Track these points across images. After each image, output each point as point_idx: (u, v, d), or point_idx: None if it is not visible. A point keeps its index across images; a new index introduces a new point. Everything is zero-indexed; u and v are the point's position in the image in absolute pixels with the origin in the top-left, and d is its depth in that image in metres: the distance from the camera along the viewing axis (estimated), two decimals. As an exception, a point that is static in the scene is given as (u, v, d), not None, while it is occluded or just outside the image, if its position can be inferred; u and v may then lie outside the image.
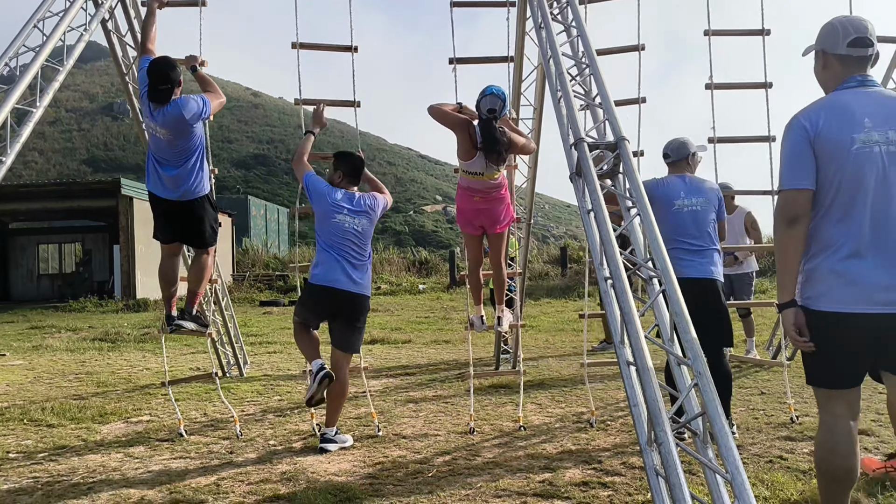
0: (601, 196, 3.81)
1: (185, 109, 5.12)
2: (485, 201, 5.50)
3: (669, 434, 2.73)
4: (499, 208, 5.59)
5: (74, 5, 5.55)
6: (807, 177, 2.94)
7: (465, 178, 5.52)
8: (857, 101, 2.96)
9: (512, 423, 5.91)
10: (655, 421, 2.79)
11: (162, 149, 5.25)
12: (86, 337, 13.29)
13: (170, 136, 5.14)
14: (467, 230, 5.75)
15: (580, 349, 10.54)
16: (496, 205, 5.59)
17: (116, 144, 66.91)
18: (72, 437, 5.87)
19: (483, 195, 5.52)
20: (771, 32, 5.98)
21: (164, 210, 5.47)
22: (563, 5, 5.34)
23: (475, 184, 5.49)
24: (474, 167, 5.35)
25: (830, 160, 2.92)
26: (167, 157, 5.26)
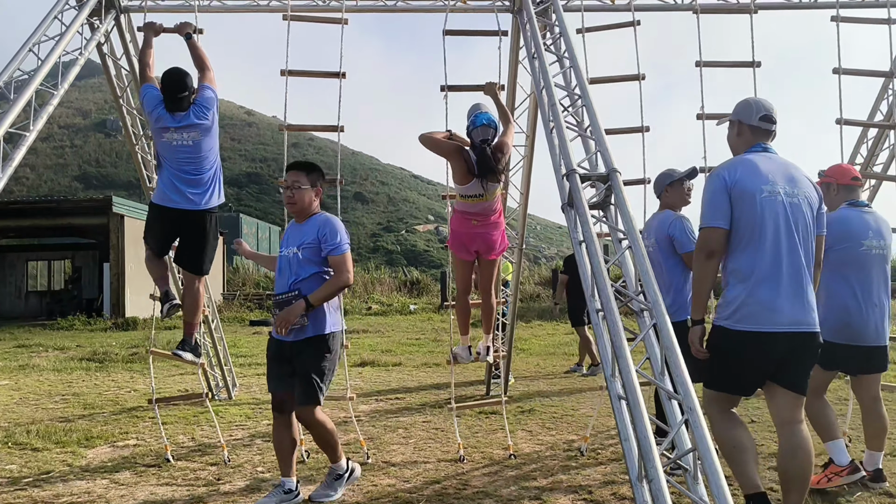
0: (592, 227, 3.83)
1: (209, 103, 5.22)
2: (482, 225, 5.48)
3: (660, 470, 2.72)
4: (494, 234, 5.58)
5: (70, 29, 5.57)
6: (723, 218, 3.62)
7: (462, 203, 5.50)
8: (763, 162, 3.74)
9: (502, 451, 5.88)
10: (646, 457, 2.78)
11: (183, 157, 5.20)
12: (73, 356, 13.17)
13: (198, 138, 5.15)
14: (461, 255, 5.69)
15: (571, 373, 10.52)
16: (492, 229, 5.56)
17: (108, 161, 66.82)
18: (57, 461, 5.80)
19: (481, 219, 5.50)
20: (761, 65, 6.07)
21: (167, 222, 5.37)
22: (557, 36, 5.39)
23: (472, 207, 5.46)
24: (472, 190, 5.33)
25: (743, 205, 3.60)
26: (189, 164, 5.21)
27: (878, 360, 4.70)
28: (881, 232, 4.66)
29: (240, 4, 6.34)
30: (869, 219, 4.68)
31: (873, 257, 4.60)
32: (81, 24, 5.71)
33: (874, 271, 4.61)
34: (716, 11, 6.36)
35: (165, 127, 5.15)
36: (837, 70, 6.16)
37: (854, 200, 4.77)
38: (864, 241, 4.57)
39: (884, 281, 4.66)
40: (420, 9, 6.38)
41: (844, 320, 4.56)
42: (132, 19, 6.38)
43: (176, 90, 5.12)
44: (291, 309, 4.40)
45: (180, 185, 5.22)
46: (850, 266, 4.57)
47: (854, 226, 4.61)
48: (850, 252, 4.56)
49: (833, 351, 4.53)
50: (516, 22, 6.25)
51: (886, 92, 6.69)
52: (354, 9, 6.23)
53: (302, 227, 4.61)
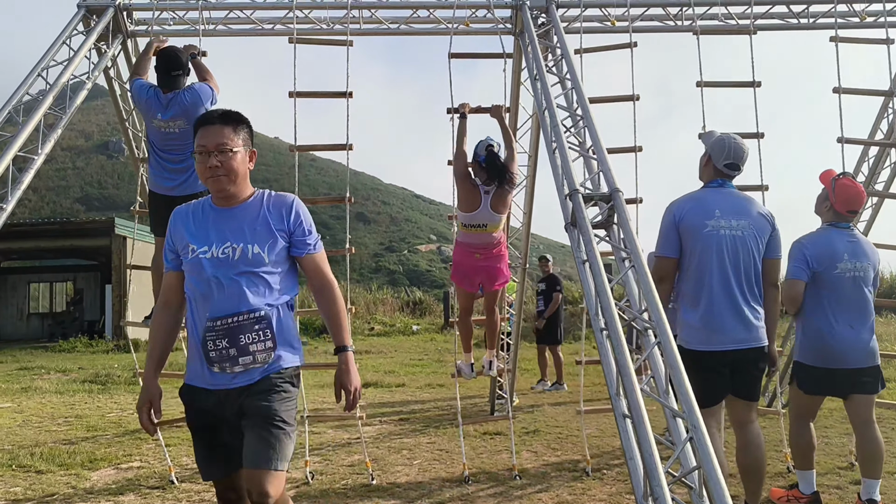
0: (596, 247, 3.85)
1: (202, 93, 5.21)
2: (485, 258, 5.49)
3: (665, 489, 2.72)
4: (497, 266, 5.60)
5: (79, 54, 5.65)
6: (671, 249, 4.12)
7: (466, 234, 5.51)
8: (714, 198, 4.17)
9: (507, 472, 5.86)
10: (651, 475, 2.78)
11: (172, 145, 5.22)
12: (76, 378, 13.15)
13: (185, 126, 5.13)
14: (463, 286, 5.70)
15: (576, 392, 10.49)
16: (495, 262, 5.58)
17: (110, 183, 67.07)
18: (61, 483, 5.79)
19: (484, 252, 5.51)
20: (762, 84, 6.13)
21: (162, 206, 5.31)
22: (558, 57, 5.45)
23: (476, 239, 5.48)
24: (476, 220, 5.36)
25: (689, 239, 4.08)
26: (177, 152, 5.22)
27: (863, 383, 4.59)
28: (858, 254, 4.59)
29: (245, 28, 6.43)
30: (847, 242, 4.62)
31: (847, 280, 4.55)
32: (89, 49, 5.79)
33: (849, 294, 4.56)
34: (715, 32, 6.43)
35: (154, 115, 5.20)
36: (837, 89, 6.21)
37: (838, 222, 4.70)
38: (838, 265, 4.54)
39: (863, 301, 4.60)
40: (424, 31, 6.45)
41: (819, 345, 4.56)
42: (138, 43, 6.47)
43: (170, 67, 5.15)
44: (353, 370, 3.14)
45: (166, 173, 5.27)
46: (824, 289, 4.56)
47: (830, 249, 4.58)
48: (824, 275, 4.55)
49: (812, 375, 4.60)
50: (518, 44, 6.32)
51: (886, 110, 6.74)
52: (359, 32, 6.31)
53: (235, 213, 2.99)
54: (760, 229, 4.15)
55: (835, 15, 6.35)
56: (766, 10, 6.44)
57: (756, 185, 6.01)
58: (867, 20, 6.36)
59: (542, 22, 6.03)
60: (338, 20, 6.34)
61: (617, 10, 6.31)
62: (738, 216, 4.11)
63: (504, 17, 6.35)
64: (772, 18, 6.49)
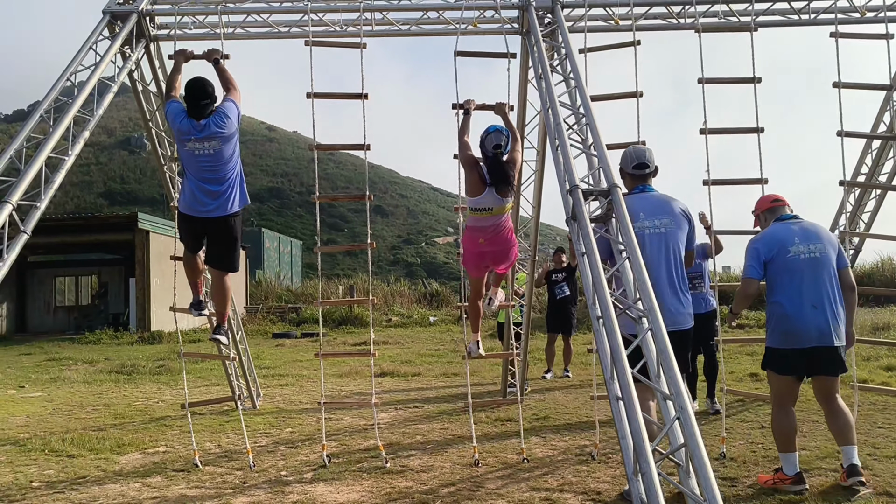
0: (594, 240, 4.06)
1: (229, 111, 5.45)
2: (490, 243, 5.65)
3: (652, 465, 2.94)
4: (504, 250, 5.78)
5: (105, 58, 5.93)
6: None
7: (474, 217, 5.66)
8: (636, 202, 4.66)
9: (516, 456, 6.09)
10: (639, 452, 3.00)
11: (206, 166, 5.44)
12: (102, 369, 13.56)
13: (219, 147, 5.38)
14: (473, 272, 5.95)
15: (586, 382, 10.69)
16: (502, 247, 5.75)
17: (133, 178, 67.99)
18: (91, 467, 6.11)
19: (489, 237, 5.66)
20: (762, 80, 6.26)
21: (196, 228, 5.68)
22: (563, 57, 5.64)
23: (483, 222, 5.62)
24: (483, 203, 5.49)
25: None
26: (211, 173, 5.46)
27: (827, 362, 4.80)
28: (809, 237, 4.85)
29: (263, 31, 6.68)
30: (794, 227, 4.92)
31: (804, 262, 4.79)
32: (115, 54, 6.06)
33: (807, 275, 4.78)
34: (717, 30, 6.57)
35: (188, 137, 5.40)
36: (837, 84, 6.34)
37: (780, 216, 5.05)
38: (790, 248, 4.81)
39: (824, 283, 4.79)
40: (434, 32, 6.67)
41: (782, 327, 4.83)
42: (161, 47, 6.75)
43: (199, 97, 5.37)
44: None
45: (202, 194, 5.47)
46: (781, 275, 4.83)
47: (778, 237, 4.89)
48: (778, 261, 4.83)
49: (781, 356, 4.86)
50: (525, 43, 6.51)
51: (888, 104, 6.86)
52: (371, 33, 6.53)
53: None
54: (679, 225, 4.73)
55: (835, 10, 6.48)
56: (768, 7, 6.58)
57: (756, 179, 6.16)
58: (867, 16, 6.47)
59: (548, 22, 6.22)
60: (351, 22, 6.58)
61: (621, 9, 6.48)
62: (658, 215, 4.68)
63: (511, 18, 6.54)
64: (773, 15, 6.62)
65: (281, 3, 6.61)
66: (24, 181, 5.20)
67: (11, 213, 5.14)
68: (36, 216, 5.28)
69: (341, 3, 6.55)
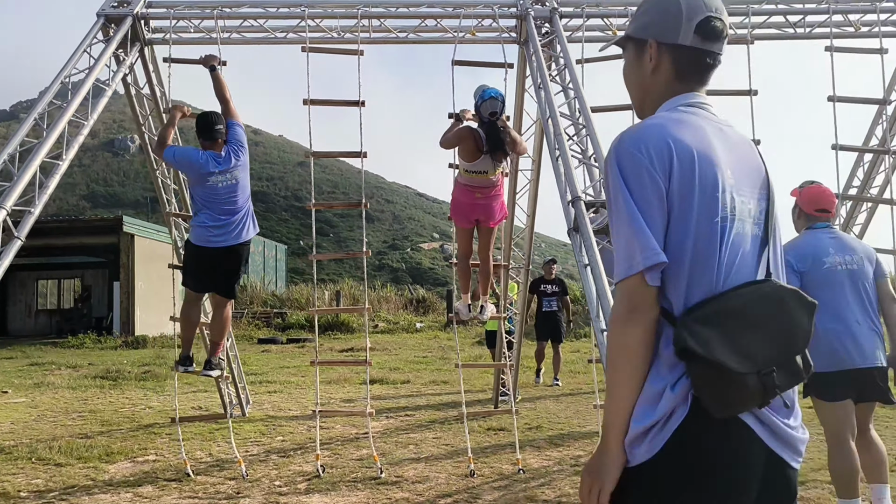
0: (597, 251, 4.05)
1: (242, 139, 5.60)
2: (485, 198, 5.84)
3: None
4: (494, 204, 5.96)
5: (100, 62, 5.86)
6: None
7: (467, 177, 5.85)
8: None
9: (511, 466, 6.07)
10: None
11: (225, 197, 5.54)
12: (86, 374, 13.39)
13: (239, 176, 5.53)
14: (461, 223, 6.13)
15: (577, 390, 10.70)
16: (493, 201, 5.94)
17: (116, 180, 67.42)
18: (80, 476, 6.01)
19: (484, 192, 5.85)
20: (758, 93, 6.30)
21: (206, 259, 5.72)
22: (562, 67, 5.64)
23: (477, 181, 5.81)
24: (479, 167, 5.67)
25: None
26: (229, 204, 5.56)
27: (872, 385, 4.23)
28: (844, 248, 4.35)
29: (259, 37, 6.63)
30: (828, 238, 4.41)
31: (841, 273, 4.29)
32: (109, 57, 5.99)
33: (847, 288, 4.28)
34: (714, 42, 6.57)
35: (211, 173, 5.47)
36: (832, 98, 6.40)
37: (815, 224, 4.50)
38: (825, 259, 4.29)
39: (864, 297, 4.30)
40: (432, 40, 6.66)
41: (826, 348, 4.15)
42: (155, 51, 6.69)
43: (213, 123, 5.52)
44: None
45: (219, 226, 5.58)
46: (817, 288, 4.17)
47: (811, 247, 4.36)
48: (813, 274, 4.28)
49: (826, 380, 4.15)
50: (522, 52, 6.51)
51: (880, 118, 6.92)
52: (368, 40, 6.51)
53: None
54: None
55: (830, 25, 6.53)
56: (764, 21, 6.63)
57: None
58: (862, 30, 6.54)
59: (546, 31, 6.23)
60: (348, 29, 6.55)
61: (618, 19, 6.50)
62: None
63: (509, 27, 6.54)
64: (769, 28, 6.67)
65: (278, 8, 6.57)
66: (18, 186, 5.13)
67: (5, 219, 5.05)
68: (30, 222, 5.21)
69: (339, 9, 6.52)
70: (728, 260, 1.66)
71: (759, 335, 1.62)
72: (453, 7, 6.49)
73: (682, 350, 1.58)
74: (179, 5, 6.46)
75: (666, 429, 1.60)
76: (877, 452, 4.31)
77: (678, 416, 1.60)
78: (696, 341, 1.56)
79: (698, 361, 1.57)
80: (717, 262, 1.65)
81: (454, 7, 6.49)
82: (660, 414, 1.60)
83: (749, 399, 1.60)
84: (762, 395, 1.61)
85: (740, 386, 1.57)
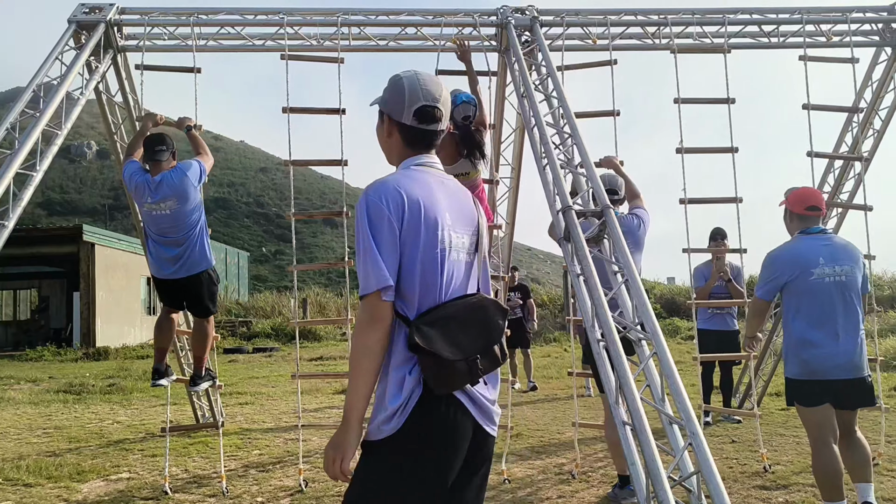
0: (591, 261, 4.05)
1: (189, 170, 5.36)
2: None
3: (669, 493, 2.92)
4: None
5: (72, 70, 5.68)
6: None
7: None
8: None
9: (495, 476, 6.02)
10: (655, 480, 2.97)
11: (165, 227, 5.38)
12: (48, 388, 12.99)
13: (175, 206, 5.30)
14: None
15: (552, 396, 10.74)
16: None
17: (73, 187, 65.88)
18: (52, 496, 5.80)
19: None
20: (735, 101, 6.40)
21: (167, 287, 5.66)
22: (544, 76, 5.65)
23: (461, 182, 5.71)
24: (459, 169, 5.53)
25: None
26: (170, 234, 5.39)
27: (857, 395, 4.31)
28: (838, 257, 4.32)
29: (237, 44, 6.49)
30: (821, 245, 4.37)
31: (829, 285, 4.27)
32: (82, 65, 5.82)
33: (833, 299, 4.28)
34: (691, 51, 6.69)
35: (143, 199, 5.34)
36: (806, 106, 6.53)
37: (808, 228, 4.49)
38: (813, 270, 4.27)
39: (849, 308, 4.31)
40: (412, 48, 6.60)
41: (804, 355, 4.30)
42: (128, 58, 6.51)
43: (154, 143, 5.36)
44: None
45: (161, 260, 5.45)
46: (802, 297, 4.32)
47: (802, 257, 4.34)
48: (799, 283, 4.31)
49: (802, 388, 4.33)
50: (503, 60, 6.51)
51: (850, 125, 7.08)
52: (348, 48, 6.43)
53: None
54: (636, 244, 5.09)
55: (803, 34, 6.66)
56: (740, 30, 6.73)
57: (731, 197, 6.29)
58: (833, 40, 6.68)
59: (526, 40, 6.24)
60: (327, 37, 6.46)
61: (598, 28, 6.54)
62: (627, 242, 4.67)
63: (489, 35, 6.53)
64: (744, 38, 6.78)
65: (255, 15, 6.44)
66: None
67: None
68: (4, 235, 5.00)
69: (318, 16, 6.42)
70: (447, 280, 2.26)
71: (466, 333, 2.24)
72: (433, 15, 6.45)
73: (412, 345, 2.16)
74: (154, 12, 6.30)
75: (408, 407, 2.17)
76: (861, 453, 4.36)
77: (416, 396, 2.17)
78: (421, 338, 2.14)
79: (423, 353, 2.15)
80: (439, 281, 2.24)
81: (434, 15, 6.45)
82: (405, 395, 2.17)
83: (460, 379, 2.21)
84: (470, 376, 2.22)
85: (453, 370, 2.18)
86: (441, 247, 2.23)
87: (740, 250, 6.55)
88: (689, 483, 3.16)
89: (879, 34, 6.84)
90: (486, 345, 2.29)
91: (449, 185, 2.40)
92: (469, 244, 2.38)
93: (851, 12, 6.67)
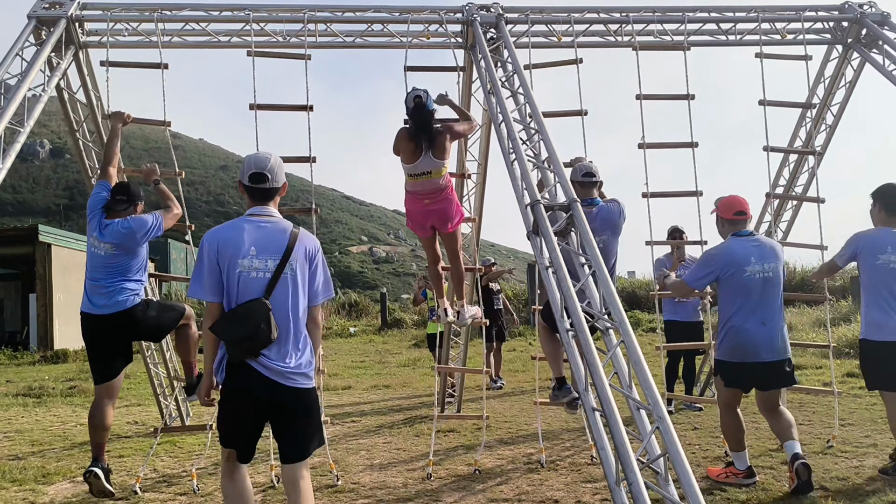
0: (559, 253, 4.15)
1: (140, 225, 5.23)
2: (434, 202, 5.66)
3: (638, 475, 3.03)
4: (448, 208, 5.76)
5: (34, 67, 5.59)
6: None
7: (412, 183, 5.64)
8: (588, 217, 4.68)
9: (466, 467, 6.12)
10: (625, 464, 3.08)
11: (98, 266, 5.23)
12: (6, 392, 12.69)
13: (113, 252, 5.18)
14: (419, 233, 5.97)
15: (518, 389, 10.87)
16: (445, 205, 5.74)
17: (25, 187, 64.25)
18: (18, 499, 5.72)
19: (432, 196, 5.65)
20: (695, 97, 6.58)
21: (98, 331, 5.28)
22: (510, 73, 5.73)
23: (421, 185, 5.60)
24: (419, 168, 5.49)
25: None
26: (102, 275, 5.22)
27: (779, 375, 5.09)
28: (766, 256, 5.06)
29: (202, 41, 6.44)
30: (752, 247, 5.10)
31: (758, 281, 5.01)
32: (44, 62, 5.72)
33: (760, 293, 5.02)
34: (652, 48, 6.86)
35: (92, 231, 5.27)
36: (763, 101, 6.74)
37: (739, 231, 5.21)
38: (746, 268, 5.00)
39: (774, 300, 5.08)
40: (379, 45, 6.63)
41: (734, 342, 5.06)
42: (90, 54, 6.42)
43: (117, 192, 5.33)
44: None
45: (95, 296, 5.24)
46: (735, 291, 5.05)
47: (737, 255, 5.05)
48: (733, 280, 5.04)
49: (730, 369, 5.13)
50: (469, 57, 6.58)
51: (804, 120, 7.32)
52: (315, 45, 6.44)
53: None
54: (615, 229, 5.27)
55: (759, 32, 6.87)
56: (699, 28, 6.91)
57: (691, 191, 6.47)
58: (787, 38, 6.90)
59: (492, 37, 6.32)
60: (294, 33, 6.46)
61: (562, 25, 6.66)
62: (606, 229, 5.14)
63: (455, 32, 6.59)
64: (703, 35, 6.96)
65: (221, 11, 6.40)
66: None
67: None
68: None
69: (284, 13, 6.42)
70: (240, 290, 3.55)
71: (239, 323, 3.47)
72: (400, 12, 6.49)
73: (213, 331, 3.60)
74: (116, 7, 6.22)
75: (223, 367, 3.63)
76: (785, 420, 5.13)
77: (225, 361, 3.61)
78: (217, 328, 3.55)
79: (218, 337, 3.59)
80: (236, 291, 3.55)
81: (401, 12, 6.49)
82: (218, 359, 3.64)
83: (241, 353, 3.50)
84: (248, 351, 3.49)
85: (235, 347, 3.50)
86: (239, 270, 3.54)
87: (701, 242, 6.74)
88: (656, 465, 3.27)
89: (831, 32, 7.09)
90: (253, 329, 3.45)
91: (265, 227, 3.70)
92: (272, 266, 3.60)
93: (804, 11, 6.90)
